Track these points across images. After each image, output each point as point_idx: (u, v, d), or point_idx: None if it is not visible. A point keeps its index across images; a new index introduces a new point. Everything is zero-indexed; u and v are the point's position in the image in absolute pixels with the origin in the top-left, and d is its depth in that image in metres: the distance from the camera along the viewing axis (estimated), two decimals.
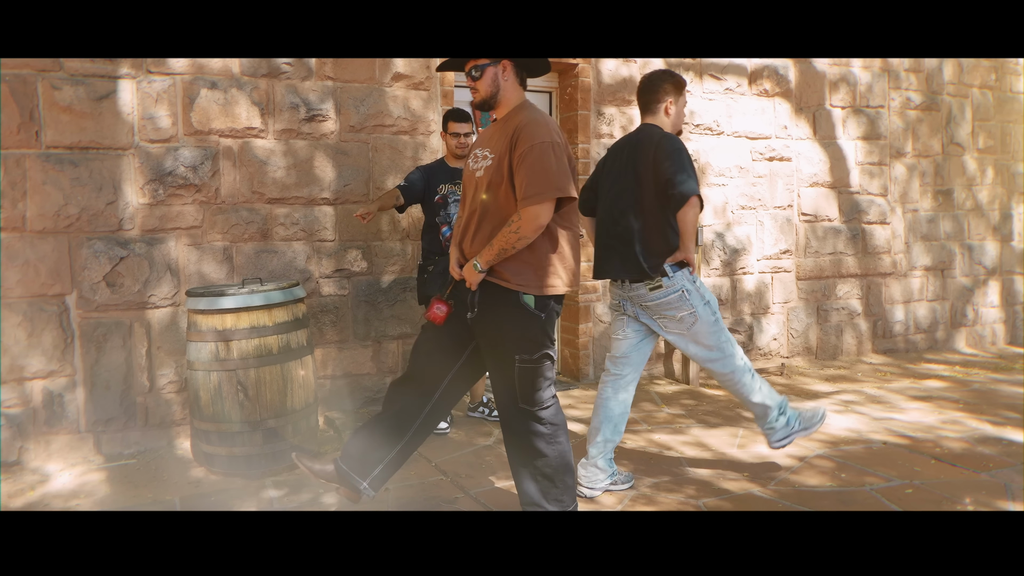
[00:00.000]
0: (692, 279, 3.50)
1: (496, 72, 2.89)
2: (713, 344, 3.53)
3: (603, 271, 3.66)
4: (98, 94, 4.25)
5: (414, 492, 3.63)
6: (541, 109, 2.90)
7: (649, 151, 3.44)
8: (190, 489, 3.77)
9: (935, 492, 3.53)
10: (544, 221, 2.72)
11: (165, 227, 4.44)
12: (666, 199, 3.39)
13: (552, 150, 2.73)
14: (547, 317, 2.86)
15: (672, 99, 3.58)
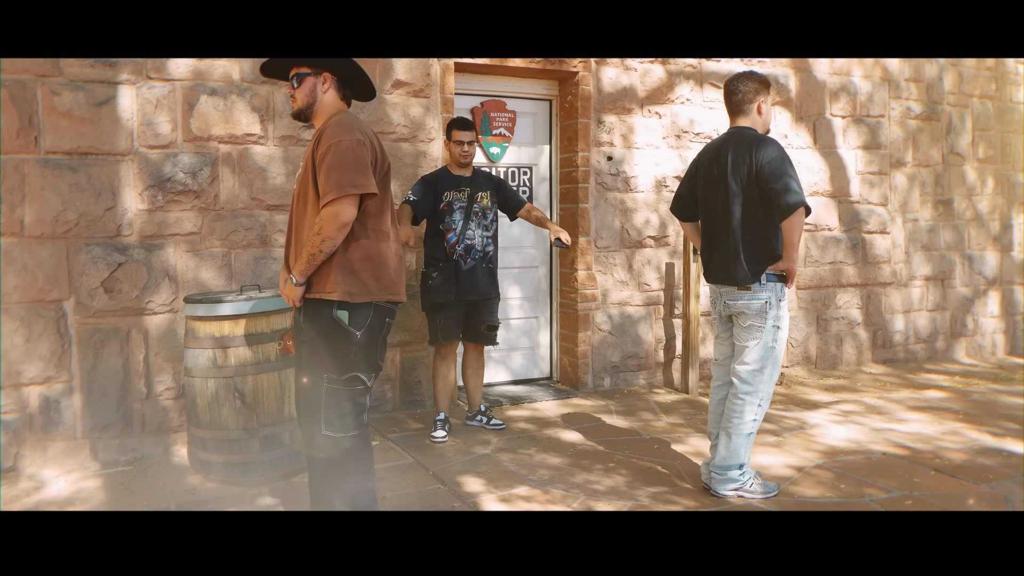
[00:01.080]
0: (781, 296, 3.49)
1: (315, 83, 2.85)
2: (757, 367, 3.51)
3: (709, 275, 3.70)
4: (98, 100, 4.24)
5: (411, 500, 3.61)
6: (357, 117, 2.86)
7: (750, 156, 3.41)
8: (186, 496, 3.75)
9: (935, 503, 3.52)
10: (346, 219, 2.63)
11: (164, 233, 4.43)
12: (771, 206, 3.37)
13: (352, 148, 2.65)
14: (365, 336, 2.74)
15: (763, 98, 3.58)
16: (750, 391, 3.52)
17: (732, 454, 3.56)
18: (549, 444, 4.45)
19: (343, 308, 2.71)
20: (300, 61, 2.84)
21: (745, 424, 3.53)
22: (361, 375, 2.77)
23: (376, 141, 2.83)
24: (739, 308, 3.53)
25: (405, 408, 5.16)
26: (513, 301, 5.84)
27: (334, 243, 2.66)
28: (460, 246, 4.49)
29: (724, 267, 3.54)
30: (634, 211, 5.84)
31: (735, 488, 3.60)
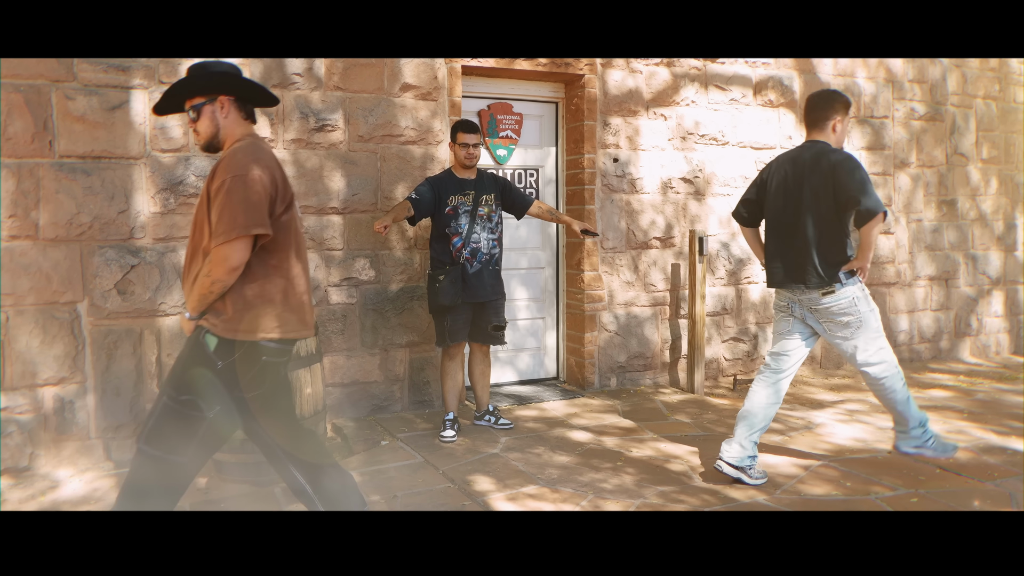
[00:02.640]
0: (862, 287, 3.72)
1: (214, 110, 2.70)
2: (873, 349, 3.73)
3: (777, 279, 3.88)
4: (111, 104, 4.30)
5: (422, 499, 3.66)
6: (261, 141, 2.75)
7: (826, 168, 3.64)
8: (200, 496, 3.80)
9: (940, 501, 3.56)
10: (237, 263, 2.50)
11: (176, 236, 4.49)
12: (846, 212, 3.61)
13: (245, 184, 2.50)
14: (228, 368, 2.59)
15: (840, 117, 3.78)
16: (884, 366, 3.76)
17: (906, 419, 3.82)
18: (557, 443, 4.49)
19: (213, 336, 2.59)
20: (193, 92, 2.70)
21: (898, 392, 3.78)
22: (200, 401, 2.60)
23: (278, 171, 2.67)
24: (830, 312, 3.74)
25: (414, 408, 5.21)
26: (520, 302, 5.89)
27: (224, 285, 2.53)
28: (466, 249, 4.54)
29: (796, 271, 3.76)
30: (640, 212, 5.89)
31: (917, 446, 3.86)
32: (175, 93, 2.72)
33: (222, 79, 2.71)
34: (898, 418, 3.87)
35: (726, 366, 6.28)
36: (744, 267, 6.30)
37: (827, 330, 3.81)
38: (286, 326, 2.66)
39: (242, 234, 2.48)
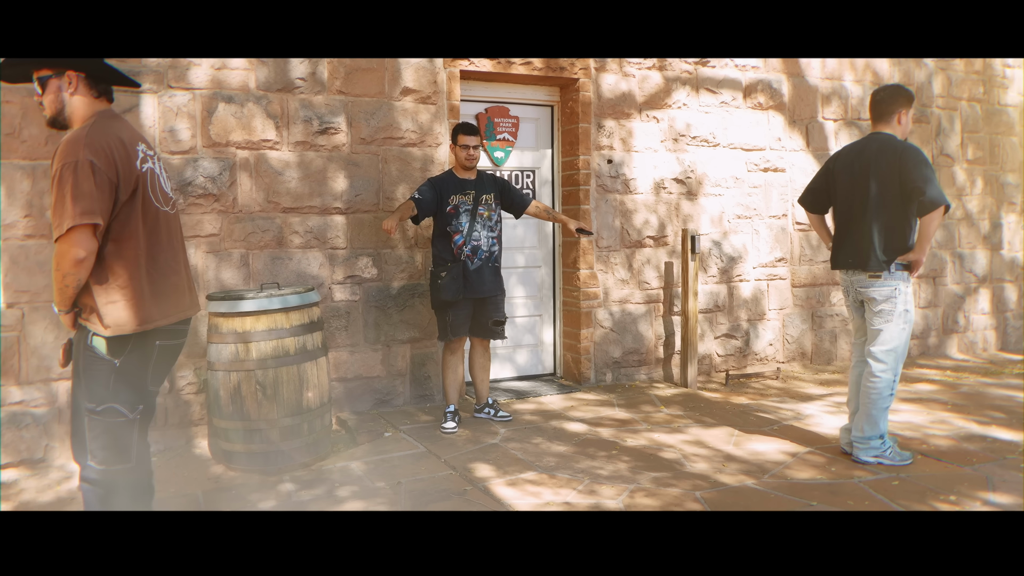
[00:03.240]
0: (908, 283, 3.95)
1: (60, 85, 2.58)
2: (890, 347, 3.95)
3: (839, 262, 4.14)
4: (121, 108, 4.45)
5: (425, 485, 3.81)
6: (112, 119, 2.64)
7: (892, 158, 3.86)
8: (210, 484, 3.95)
9: (920, 484, 3.72)
10: (82, 254, 2.40)
11: (185, 235, 4.61)
12: (911, 202, 3.81)
13: (75, 171, 2.39)
14: (127, 364, 2.56)
15: (904, 110, 4.02)
16: (884, 369, 3.96)
17: (871, 426, 4.00)
18: (554, 434, 4.65)
19: (99, 337, 2.53)
20: (39, 62, 2.57)
21: (882, 399, 3.97)
22: (119, 407, 2.56)
23: (119, 151, 2.53)
24: (870, 294, 3.97)
25: (416, 402, 5.37)
26: (517, 300, 6.05)
27: (77, 278, 2.44)
28: (467, 247, 4.70)
29: (857, 255, 3.99)
30: (634, 212, 6.06)
31: (875, 455, 4.02)
32: (22, 61, 2.59)
33: (78, 59, 2.59)
34: (867, 422, 4.00)
35: (718, 362, 6.44)
36: (736, 265, 6.47)
37: (868, 311, 4.05)
38: (159, 312, 2.61)
39: (77, 224, 2.37)
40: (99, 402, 2.55)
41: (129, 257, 2.55)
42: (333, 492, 3.76)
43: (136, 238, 2.57)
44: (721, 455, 4.22)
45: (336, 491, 3.77)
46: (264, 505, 3.61)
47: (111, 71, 2.69)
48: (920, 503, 3.47)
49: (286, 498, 3.70)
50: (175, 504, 3.65)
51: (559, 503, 3.53)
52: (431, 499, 3.62)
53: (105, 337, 2.52)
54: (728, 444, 4.43)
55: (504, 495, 3.64)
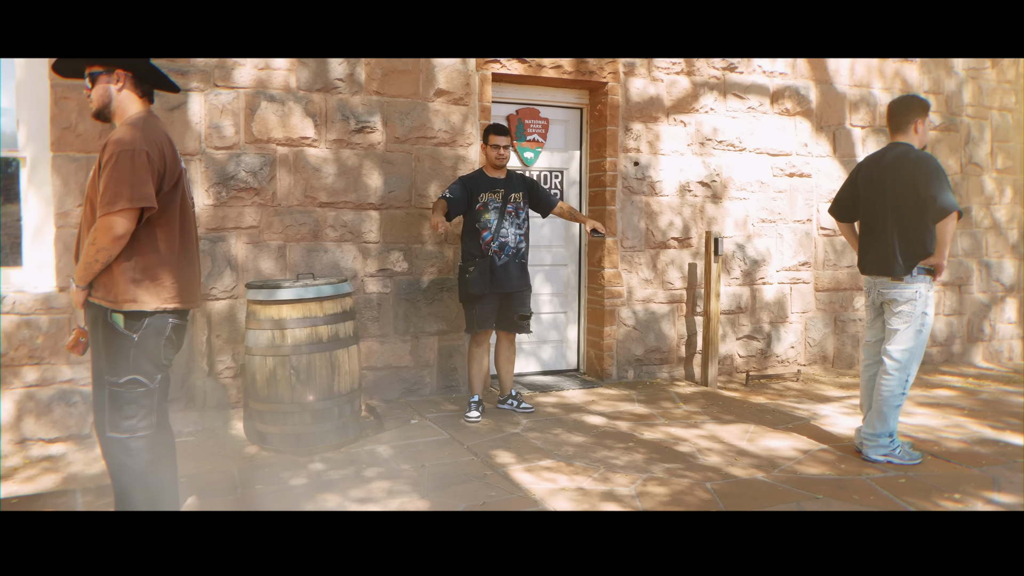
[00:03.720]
0: (930, 288, 4.09)
1: (109, 81, 2.80)
2: (906, 347, 4.09)
3: (865, 267, 4.30)
4: (170, 105, 4.70)
5: (447, 469, 4.00)
6: (156, 120, 2.88)
7: (907, 167, 4.01)
8: (245, 463, 4.18)
9: (926, 483, 3.83)
10: (121, 232, 2.61)
11: (226, 226, 4.88)
12: (925, 210, 3.94)
13: (132, 158, 2.61)
14: (144, 338, 2.75)
15: (920, 119, 4.15)
16: (899, 368, 4.10)
17: (882, 423, 4.15)
18: (574, 426, 4.82)
19: (119, 314, 2.72)
20: (92, 60, 2.79)
21: (894, 397, 4.11)
22: (141, 377, 2.76)
23: (167, 147, 2.79)
24: (892, 296, 4.12)
25: (442, 392, 5.56)
26: (543, 297, 6.22)
27: (109, 255, 2.65)
28: (495, 243, 4.88)
29: (880, 261, 4.14)
30: (659, 214, 6.20)
31: (884, 454, 4.15)
32: (78, 59, 2.81)
33: (128, 59, 2.80)
34: (877, 419, 4.15)
35: (740, 363, 6.56)
36: (759, 268, 6.58)
37: (888, 312, 4.18)
38: (179, 296, 2.81)
39: (127, 206, 2.59)
40: (121, 375, 2.74)
41: (163, 242, 2.77)
42: (361, 473, 3.96)
43: (173, 225, 2.80)
44: (734, 450, 4.36)
45: (363, 472, 3.97)
46: (295, 482, 3.82)
47: (156, 73, 2.92)
48: (925, 500, 3.59)
49: (316, 477, 3.91)
50: (213, 480, 3.88)
51: (573, 489, 3.70)
52: (453, 482, 3.81)
53: (124, 313, 2.71)
54: (742, 440, 4.56)
55: (522, 480, 3.82)
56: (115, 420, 2.76)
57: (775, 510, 3.44)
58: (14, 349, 4.43)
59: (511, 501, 3.55)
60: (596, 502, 3.53)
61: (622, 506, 3.49)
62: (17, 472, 4.09)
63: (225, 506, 3.52)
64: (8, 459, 4.29)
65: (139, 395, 2.77)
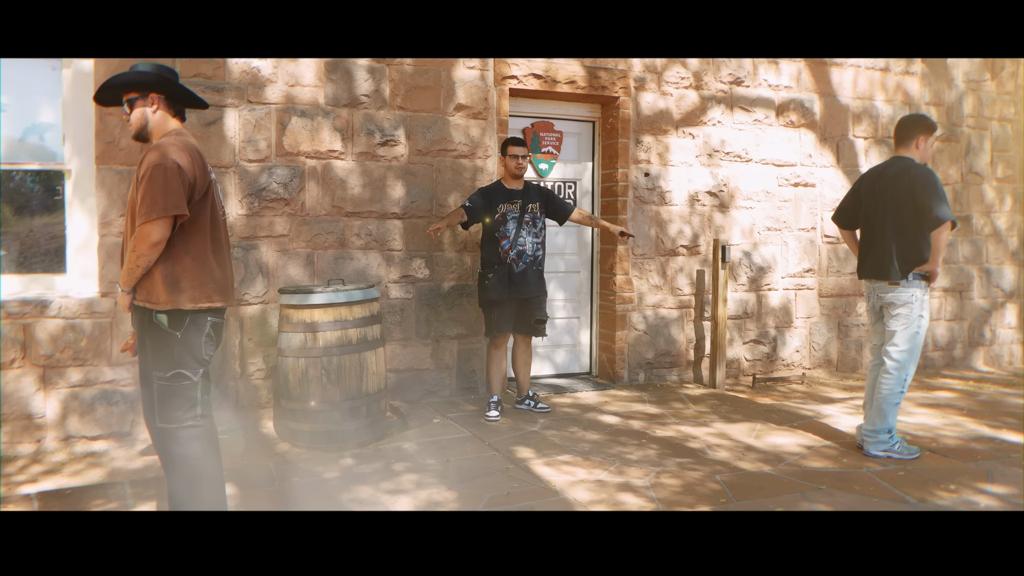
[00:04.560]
0: (925, 292, 4.36)
1: (146, 105, 3.07)
2: (904, 347, 4.37)
3: (864, 272, 4.59)
4: (207, 120, 4.97)
5: (471, 463, 4.24)
6: (187, 136, 3.11)
7: (907, 179, 4.30)
8: (279, 458, 4.42)
9: (924, 475, 4.06)
10: (158, 239, 2.86)
11: (258, 235, 5.14)
12: (922, 220, 4.22)
13: (164, 172, 2.85)
14: (187, 335, 2.98)
15: (923, 137, 4.44)
16: (898, 367, 4.37)
17: (881, 419, 4.41)
18: (589, 424, 5.06)
19: (163, 313, 2.96)
20: (128, 87, 3.06)
21: (893, 395, 4.37)
22: (185, 371, 3.00)
23: (198, 160, 3.02)
24: (889, 300, 4.39)
25: (461, 394, 5.81)
26: (557, 302, 6.47)
27: (148, 259, 2.89)
28: (513, 251, 5.13)
29: (878, 266, 4.43)
30: (668, 222, 6.44)
31: (884, 450, 4.40)
32: (113, 86, 3.08)
33: (156, 79, 3.07)
34: (877, 415, 4.40)
35: (746, 366, 6.79)
36: (765, 275, 6.81)
37: (886, 315, 4.46)
38: (215, 295, 3.04)
39: (162, 215, 2.83)
40: (167, 369, 2.98)
41: (196, 246, 3.01)
42: (389, 467, 4.20)
43: (204, 231, 3.04)
44: (742, 446, 4.60)
45: (392, 466, 4.22)
46: (329, 475, 4.07)
47: (186, 92, 3.18)
48: (922, 491, 3.82)
49: (348, 471, 4.15)
50: (252, 473, 4.13)
51: (591, 481, 3.94)
52: (477, 475, 4.05)
53: (167, 312, 2.96)
54: (750, 437, 4.79)
55: (542, 473, 4.06)
56: (164, 412, 3.00)
57: (784, 511, 3.67)
58: (60, 351, 4.69)
59: (533, 492, 3.79)
60: (613, 492, 3.77)
61: (637, 496, 3.73)
62: (64, 467, 4.34)
63: (265, 496, 3.77)
64: (54, 455, 4.55)
65: (184, 388, 3.01)
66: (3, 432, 4.59)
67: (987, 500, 3.70)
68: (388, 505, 3.64)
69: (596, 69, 6.10)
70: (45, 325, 4.64)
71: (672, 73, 6.40)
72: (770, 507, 3.58)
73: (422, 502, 3.67)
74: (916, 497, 3.72)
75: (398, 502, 3.67)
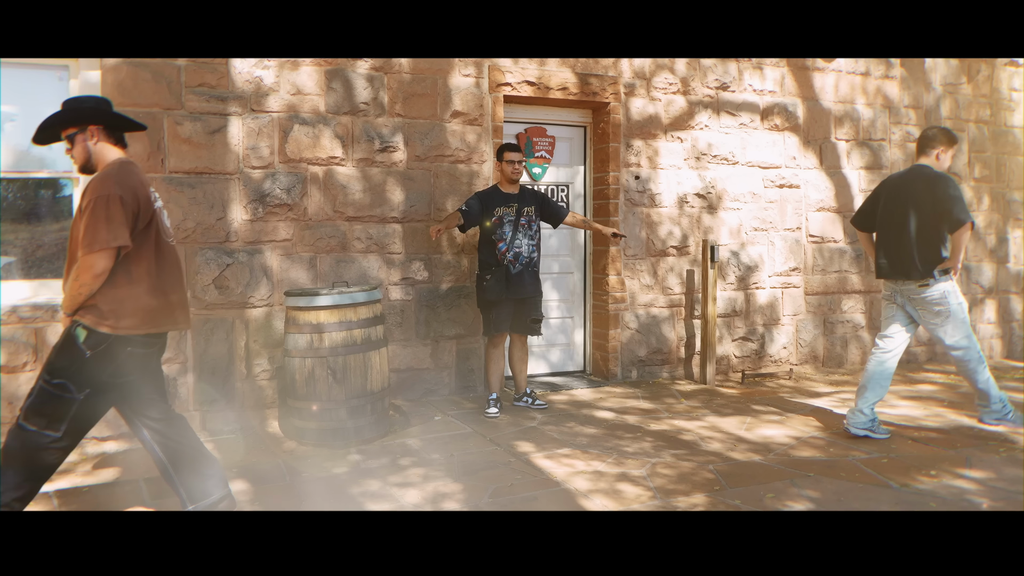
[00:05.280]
0: (953, 284, 4.70)
1: (85, 138, 3.13)
2: (960, 335, 4.71)
3: (884, 272, 4.89)
4: (211, 128, 5.12)
5: (474, 457, 4.41)
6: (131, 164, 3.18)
7: (926, 185, 4.66)
8: (287, 455, 4.57)
9: (906, 462, 4.26)
10: (100, 270, 2.92)
11: (262, 240, 5.29)
12: (941, 221, 4.58)
13: (107, 203, 2.91)
14: (95, 358, 3.00)
15: (943, 148, 4.81)
16: (966, 349, 4.77)
17: (985, 393, 4.88)
18: (586, 420, 5.24)
19: (84, 329, 3.00)
20: (64, 123, 3.14)
21: (979, 372, 4.83)
22: (70, 384, 3.01)
23: (141, 189, 3.07)
24: (924, 299, 4.72)
25: (460, 393, 5.98)
26: (551, 303, 6.65)
27: (91, 289, 2.95)
28: (510, 253, 5.31)
29: (900, 266, 4.75)
30: (659, 224, 6.64)
31: (997, 418, 4.89)
32: (50, 125, 3.14)
33: (90, 112, 3.15)
34: (980, 395, 4.81)
35: (736, 363, 6.99)
36: (752, 274, 7.02)
37: (922, 317, 4.79)
38: (149, 323, 3.09)
39: (104, 247, 2.90)
40: (56, 376, 3.01)
41: (137, 273, 3.05)
42: (396, 462, 4.36)
43: (147, 259, 3.09)
44: (733, 437, 4.79)
45: (398, 461, 4.37)
46: (338, 471, 4.22)
47: (123, 119, 3.25)
48: (904, 476, 4.02)
49: (356, 466, 4.31)
50: (263, 469, 4.27)
51: (590, 472, 4.12)
52: (480, 468, 4.22)
53: (88, 330, 3.00)
54: (740, 429, 4.99)
55: (543, 465, 4.24)
56: (31, 411, 3.02)
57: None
58: None
59: (535, 483, 3.96)
60: (612, 482, 3.95)
61: (635, 485, 3.91)
62: (77, 466, 4.47)
63: (278, 491, 3.92)
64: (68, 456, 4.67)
65: (64, 400, 3.02)
66: None
67: (966, 484, 3.90)
68: (398, 497, 3.80)
69: (587, 76, 6.29)
70: (56, 329, 4.77)
71: (660, 79, 6.60)
72: (761, 493, 3.77)
73: (430, 494, 3.83)
74: (899, 482, 3.92)
75: (407, 494, 3.83)
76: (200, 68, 5.08)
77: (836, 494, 3.74)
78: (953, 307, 4.69)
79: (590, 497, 3.75)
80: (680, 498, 3.73)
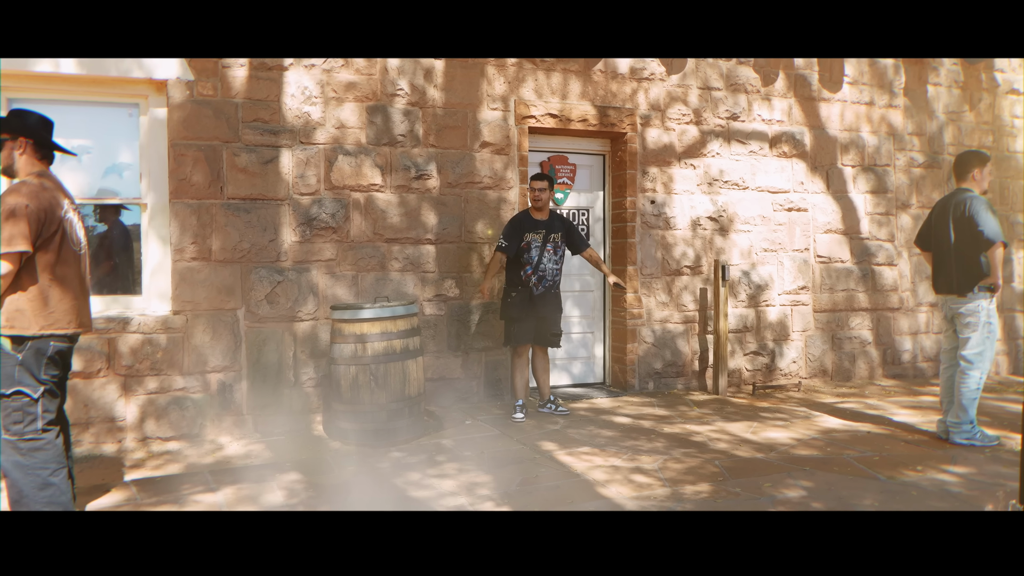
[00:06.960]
0: (991, 302, 5.10)
1: (14, 147, 3.44)
2: (977, 350, 5.10)
3: (937, 287, 5.36)
4: (265, 159, 5.68)
5: (502, 455, 4.88)
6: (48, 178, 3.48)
7: (964, 208, 5.11)
8: (334, 453, 5.06)
9: (896, 459, 4.67)
10: (3, 272, 3.20)
11: (310, 259, 5.83)
12: (979, 242, 4.98)
13: (14, 213, 3.20)
14: (26, 358, 3.29)
15: (978, 170, 5.27)
16: (972, 368, 5.10)
17: (963, 413, 5.11)
18: (604, 424, 5.69)
19: (6, 338, 3.27)
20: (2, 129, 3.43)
21: (970, 391, 5.10)
22: (24, 390, 3.30)
23: (52, 204, 3.35)
24: (960, 311, 5.14)
25: (488, 400, 6.45)
26: (573, 319, 7.12)
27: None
28: (535, 276, 5.81)
29: (948, 282, 5.22)
30: (673, 245, 7.11)
31: (967, 438, 5.10)
32: None
33: (29, 127, 3.47)
34: (959, 409, 5.11)
35: (747, 375, 7.41)
36: (762, 292, 7.45)
37: (956, 324, 5.19)
38: (60, 323, 3.37)
39: (10, 251, 3.20)
40: (8, 387, 3.30)
41: (43, 278, 3.35)
42: (432, 458, 4.84)
43: (52, 267, 3.37)
44: (739, 439, 5.22)
45: (434, 457, 4.85)
46: (381, 465, 4.71)
47: (53, 144, 3.60)
48: (892, 471, 4.43)
49: (397, 461, 4.79)
50: (313, 464, 4.77)
51: (608, 466, 4.57)
52: (508, 462, 4.68)
53: (10, 337, 3.29)
54: (747, 432, 5.42)
55: (565, 460, 4.70)
56: (6, 424, 3.33)
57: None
58: (139, 362, 5.37)
59: (558, 475, 4.42)
60: (627, 474, 4.40)
61: (647, 476, 4.36)
62: (146, 462, 4.98)
63: (330, 482, 4.41)
64: (135, 453, 5.20)
65: (23, 404, 3.33)
66: (89, 433, 5.25)
67: (948, 477, 4.31)
68: (436, 486, 4.27)
69: (606, 108, 6.80)
70: (127, 339, 5.32)
71: (674, 110, 7.10)
72: (760, 483, 4.20)
73: (464, 483, 4.30)
74: (886, 475, 4.34)
75: (444, 483, 4.30)
76: (255, 105, 5.65)
77: (828, 484, 4.17)
78: (981, 324, 5.06)
79: (607, 486, 4.20)
80: (687, 487, 4.18)
